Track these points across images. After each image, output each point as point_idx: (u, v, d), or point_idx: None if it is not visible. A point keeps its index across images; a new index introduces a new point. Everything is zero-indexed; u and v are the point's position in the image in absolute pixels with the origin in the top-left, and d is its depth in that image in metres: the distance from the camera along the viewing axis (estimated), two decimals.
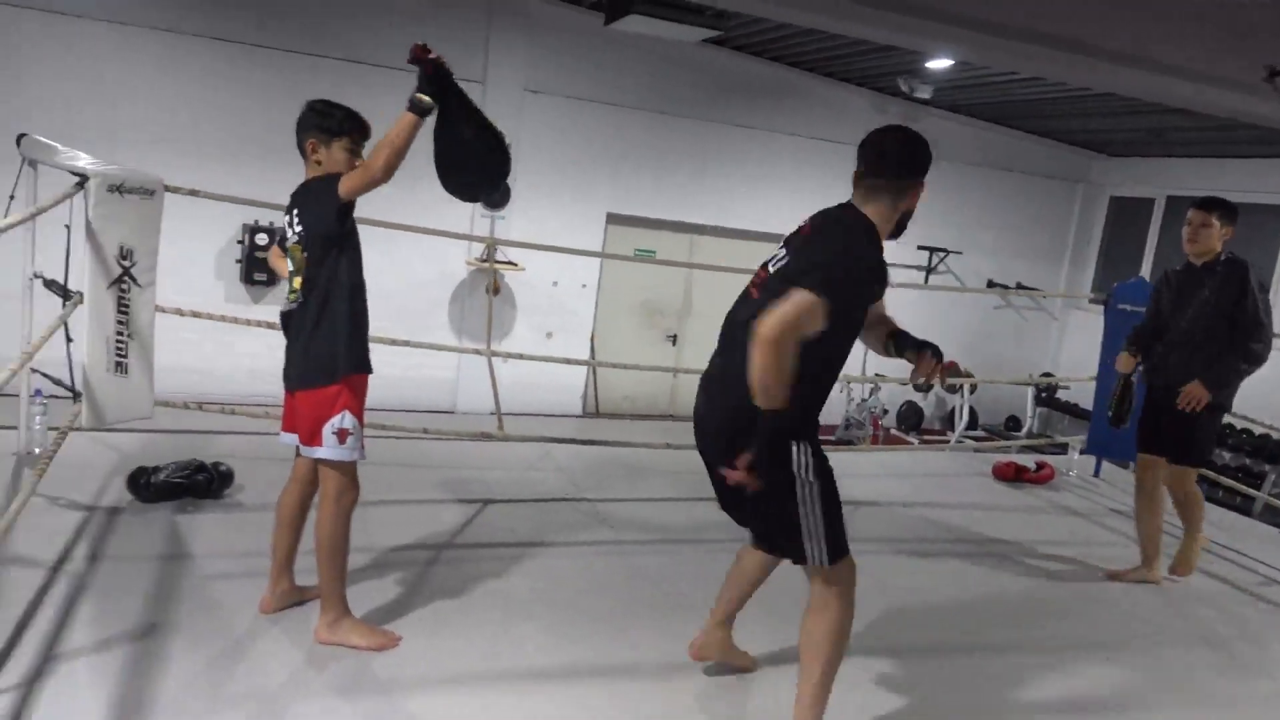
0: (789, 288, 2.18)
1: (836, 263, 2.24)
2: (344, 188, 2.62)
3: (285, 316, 2.81)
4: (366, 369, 2.81)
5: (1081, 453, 5.91)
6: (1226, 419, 8.04)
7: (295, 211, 2.78)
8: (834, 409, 10.35)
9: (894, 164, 2.38)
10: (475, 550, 3.71)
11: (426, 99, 2.55)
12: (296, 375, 2.78)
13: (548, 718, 2.60)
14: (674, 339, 10.10)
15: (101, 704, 2.38)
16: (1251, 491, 6.99)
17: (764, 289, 2.34)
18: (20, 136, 3.71)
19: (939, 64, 8.42)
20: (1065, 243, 11.68)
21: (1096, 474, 5.95)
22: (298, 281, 2.76)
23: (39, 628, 2.70)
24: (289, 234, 2.81)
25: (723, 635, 2.86)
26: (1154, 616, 3.85)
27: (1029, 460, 5.98)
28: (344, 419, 2.70)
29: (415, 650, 2.83)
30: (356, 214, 2.77)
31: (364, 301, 2.81)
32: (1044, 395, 10.98)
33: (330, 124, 2.73)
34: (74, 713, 2.34)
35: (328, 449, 2.70)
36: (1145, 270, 10.33)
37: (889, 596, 3.63)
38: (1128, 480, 6.06)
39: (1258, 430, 8.02)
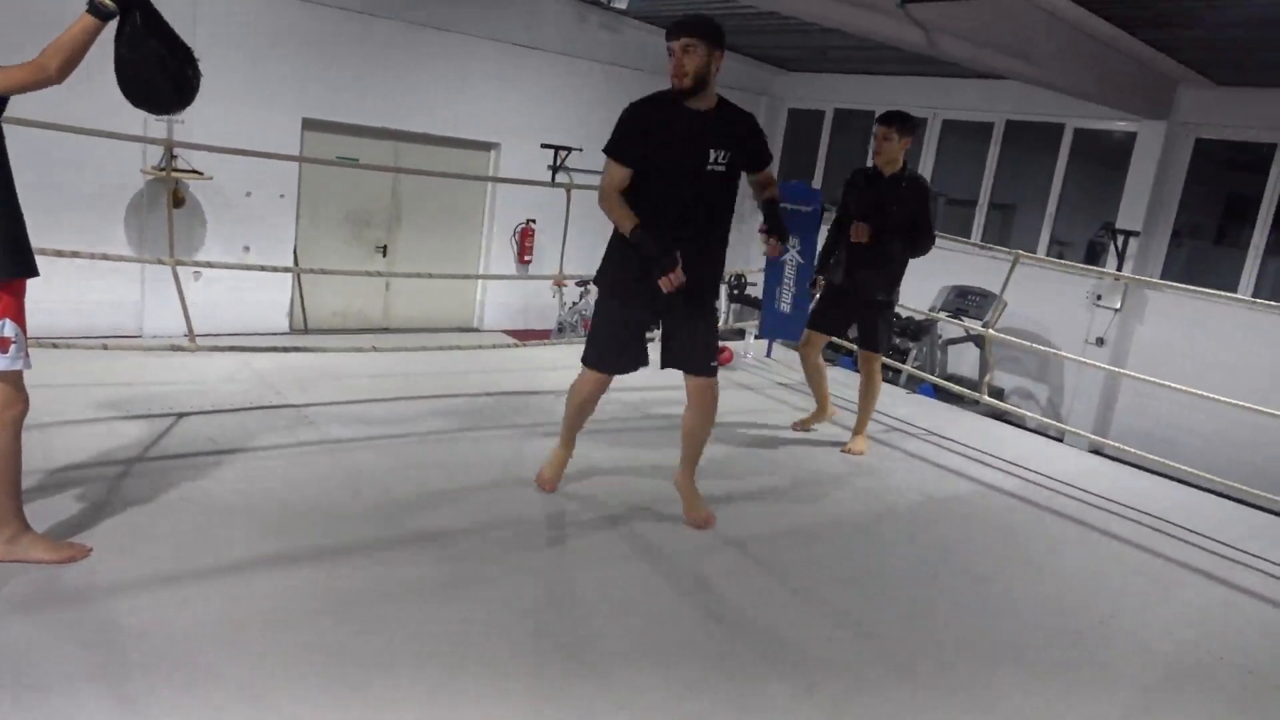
0: None
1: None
2: (6, 82, 2.43)
3: None
4: (31, 271, 2.65)
5: (756, 337, 6.68)
6: None
7: None
8: (550, 314, 10.73)
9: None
10: (170, 461, 3.62)
11: (110, 3, 2.46)
12: None
13: (254, 606, 2.68)
14: (384, 250, 9.92)
15: None
16: (899, 365, 8.27)
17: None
18: None
19: None
20: None
21: (768, 354, 6.77)
22: None
23: None
24: None
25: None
26: (810, 460, 4.58)
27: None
28: (4, 326, 2.55)
29: (109, 559, 2.79)
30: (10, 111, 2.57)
31: (15, 199, 2.63)
32: (735, 292, 12.03)
33: None
34: None
35: None
36: (818, 176, 11.52)
37: (590, 465, 4.04)
38: (794, 358, 6.97)
39: (904, 314, 9.40)
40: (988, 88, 9.65)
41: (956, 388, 6.47)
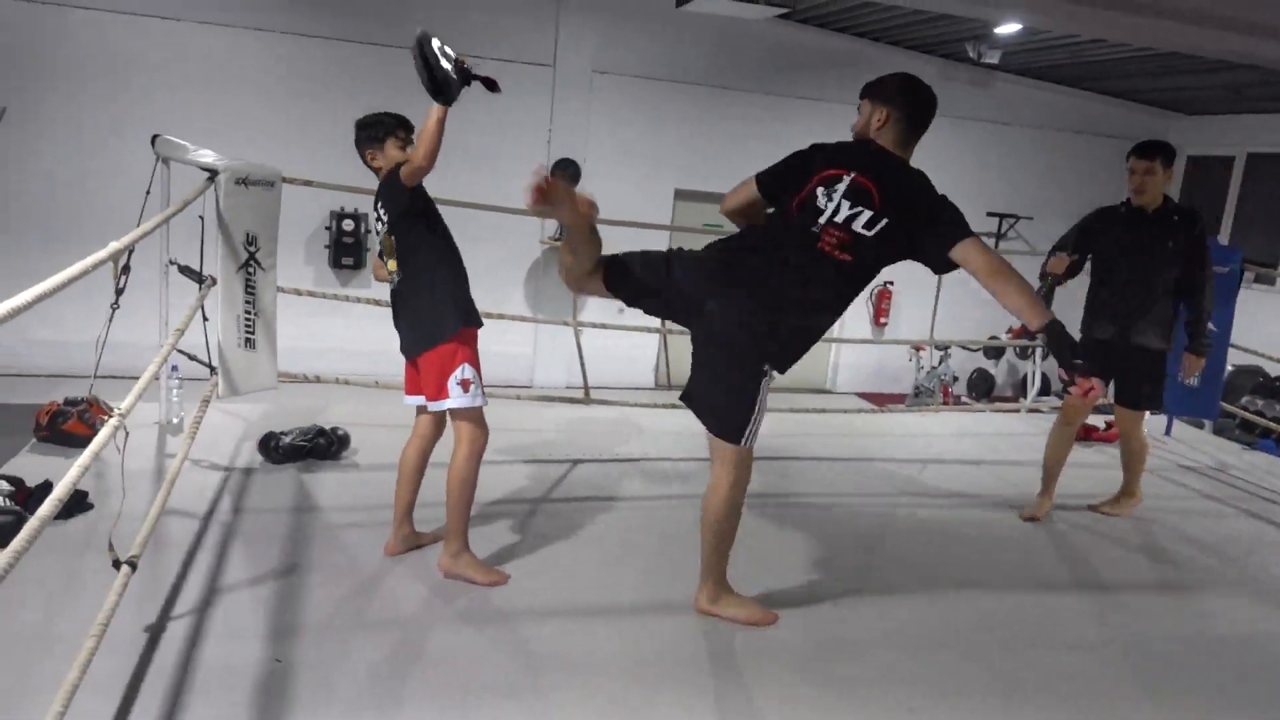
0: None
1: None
2: (404, 178, 2.96)
3: (394, 296, 3.17)
4: (476, 322, 3.16)
5: (1153, 413, 5.95)
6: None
7: (379, 205, 3.16)
8: (904, 377, 10.44)
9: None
10: (569, 504, 4.04)
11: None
12: (413, 341, 3.13)
13: (644, 645, 2.89)
14: None
15: (262, 625, 2.77)
16: None
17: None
18: (154, 137, 4.11)
19: (1007, 29, 8.41)
20: None
21: (1168, 432, 6.01)
22: (393, 264, 3.12)
23: (201, 565, 3.11)
24: (378, 228, 3.18)
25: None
26: (1230, 551, 4.00)
27: (1101, 421, 6.06)
28: (464, 370, 3.06)
29: (524, 587, 3.16)
30: (433, 193, 3.14)
31: (460, 265, 3.16)
32: None
33: (376, 132, 3.11)
34: (242, 631, 2.73)
35: (455, 399, 3.06)
36: (1225, 231, 10.16)
37: (960, 544, 3.86)
38: (1199, 438, 6.14)
39: None
40: None
41: None
